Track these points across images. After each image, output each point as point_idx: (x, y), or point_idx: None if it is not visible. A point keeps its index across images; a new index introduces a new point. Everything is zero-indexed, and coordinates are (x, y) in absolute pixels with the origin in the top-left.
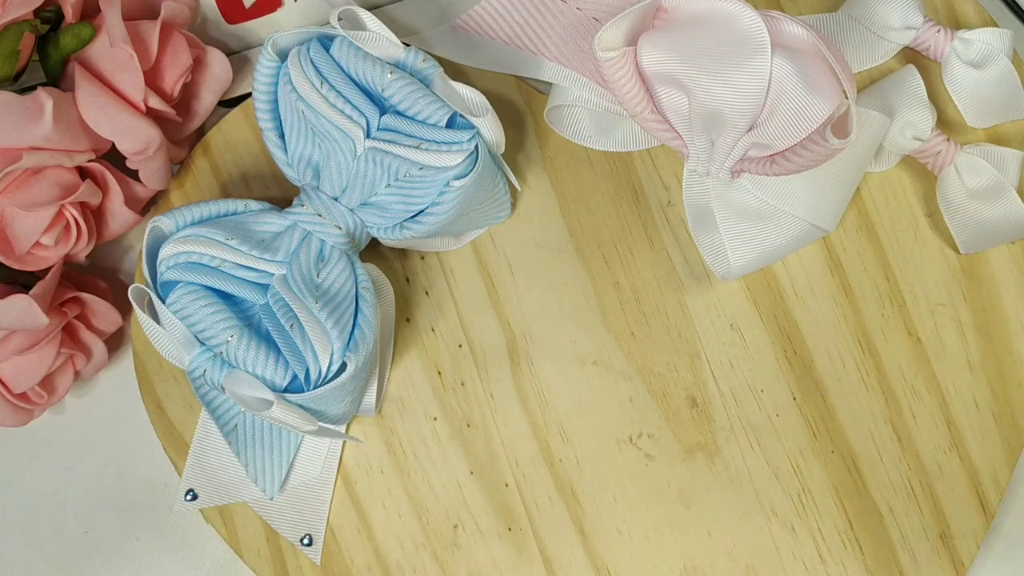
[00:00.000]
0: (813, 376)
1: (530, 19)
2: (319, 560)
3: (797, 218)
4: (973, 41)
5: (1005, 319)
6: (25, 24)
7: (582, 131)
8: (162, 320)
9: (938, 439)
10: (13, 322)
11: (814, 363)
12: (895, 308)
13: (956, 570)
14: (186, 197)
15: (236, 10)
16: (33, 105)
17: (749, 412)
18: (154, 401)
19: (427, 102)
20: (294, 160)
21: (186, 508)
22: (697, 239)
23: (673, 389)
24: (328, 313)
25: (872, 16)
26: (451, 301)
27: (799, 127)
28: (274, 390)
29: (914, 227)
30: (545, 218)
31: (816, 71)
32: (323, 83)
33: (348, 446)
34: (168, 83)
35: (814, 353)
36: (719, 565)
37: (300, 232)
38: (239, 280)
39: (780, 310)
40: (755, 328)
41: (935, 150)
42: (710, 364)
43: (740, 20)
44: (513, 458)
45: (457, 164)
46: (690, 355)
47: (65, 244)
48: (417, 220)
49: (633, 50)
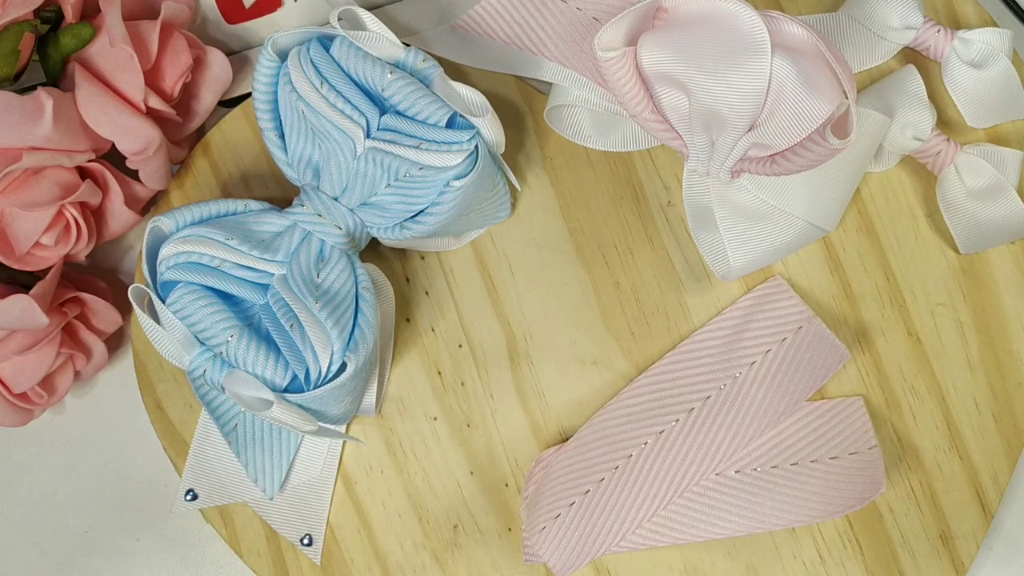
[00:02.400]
0: None
1: (530, 19)
2: (319, 560)
3: (797, 218)
4: (973, 41)
5: (1005, 319)
6: (25, 24)
7: (582, 131)
8: (162, 320)
9: (938, 439)
10: (13, 322)
11: None
12: (895, 308)
13: (956, 570)
14: (186, 197)
15: (236, 10)
16: (33, 105)
17: None
18: (154, 401)
19: (427, 102)
20: (294, 160)
21: (186, 508)
22: (697, 239)
23: None
24: (328, 313)
25: (872, 16)
26: (451, 301)
27: (799, 127)
28: (274, 390)
29: (914, 227)
30: (545, 218)
31: (816, 71)
32: (323, 83)
33: (348, 446)
34: (168, 83)
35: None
36: (719, 565)
37: (300, 232)
38: (239, 280)
39: None
40: None
41: (935, 150)
42: None
43: (740, 20)
44: (513, 458)
45: (457, 164)
46: None
47: (65, 244)
48: (417, 220)
49: (633, 50)
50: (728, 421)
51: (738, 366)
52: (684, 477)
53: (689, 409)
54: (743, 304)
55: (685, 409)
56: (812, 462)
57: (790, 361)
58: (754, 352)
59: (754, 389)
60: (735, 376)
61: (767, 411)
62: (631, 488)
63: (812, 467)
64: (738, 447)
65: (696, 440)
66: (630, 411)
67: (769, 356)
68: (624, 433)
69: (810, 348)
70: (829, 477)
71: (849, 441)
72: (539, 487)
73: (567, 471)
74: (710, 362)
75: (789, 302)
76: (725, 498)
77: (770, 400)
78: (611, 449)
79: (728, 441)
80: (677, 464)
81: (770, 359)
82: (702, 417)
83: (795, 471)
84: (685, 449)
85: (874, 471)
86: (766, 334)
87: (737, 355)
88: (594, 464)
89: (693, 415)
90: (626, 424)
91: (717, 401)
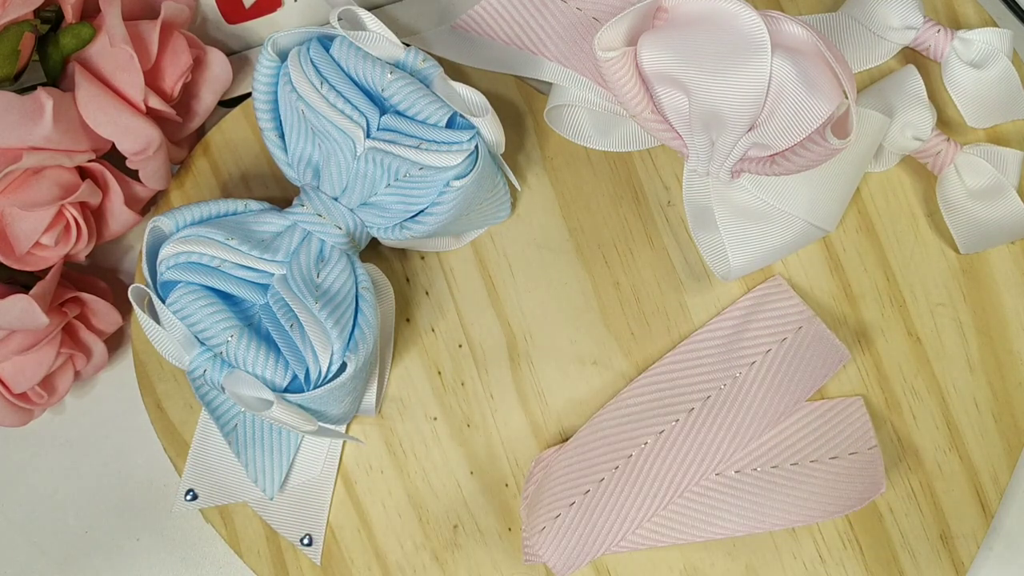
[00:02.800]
0: None
1: (530, 19)
2: (319, 560)
3: (797, 218)
4: (973, 41)
5: (1005, 319)
6: (25, 24)
7: (582, 131)
8: (162, 320)
9: (938, 439)
10: (13, 322)
11: None
12: (895, 308)
13: (956, 570)
14: (186, 197)
15: (236, 10)
16: (33, 105)
17: None
18: (154, 401)
19: (427, 102)
20: (294, 160)
21: (186, 508)
22: (697, 239)
23: None
24: (328, 313)
25: (872, 16)
26: (451, 301)
27: (799, 127)
28: (274, 390)
29: (914, 227)
30: (545, 218)
31: (816, 71)
32: (323, 83)
33: (348, 446)
34: (168, 83)
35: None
36: (719, 565)
37: (300, 232)
38: (239, 280)
39: None
40: None
41: (935, 150)
42: None
43: (740, 20)
44: (513, 458)
45: (457, 164)
46: None
47: (65, 244)
48: (417, 220)
49: (633, 50)
50: (728, 421)
51: (738, 366)
52: (684, 477)
53: (689, 409)
54: (743, 304)
55: (685, 409)
56: (812, 462)
57: (790, 361)
58: (754, 352)
59: (754, 389)
60: (735, 376)
61: (767, 411)
62: (631, 488)
63: (812, 467)
64: (738, 447)
65: (696, 440)
66: (630, 411)
67: (769, 356)
68: (624, 433)
69: (810, 348)
70: (829, 477)
71: (849, 441)
72: (539, 487)
73: (567, 471)
74: (710, 362)
75: (789, 302)
76: (725, 498)
77: (770, 400)
78: (611, 449)
79: (728, 441)
80: (677, 464)
81: (770, 359)
82: (702, 417)
83: (795, 471)
84: (685, 449)
85: (874, 471)
86: (766, 334)
87: (737, 355)
88: (594, 464)
89: (693, 415)
90: (626, 424)
91: (717, 401)
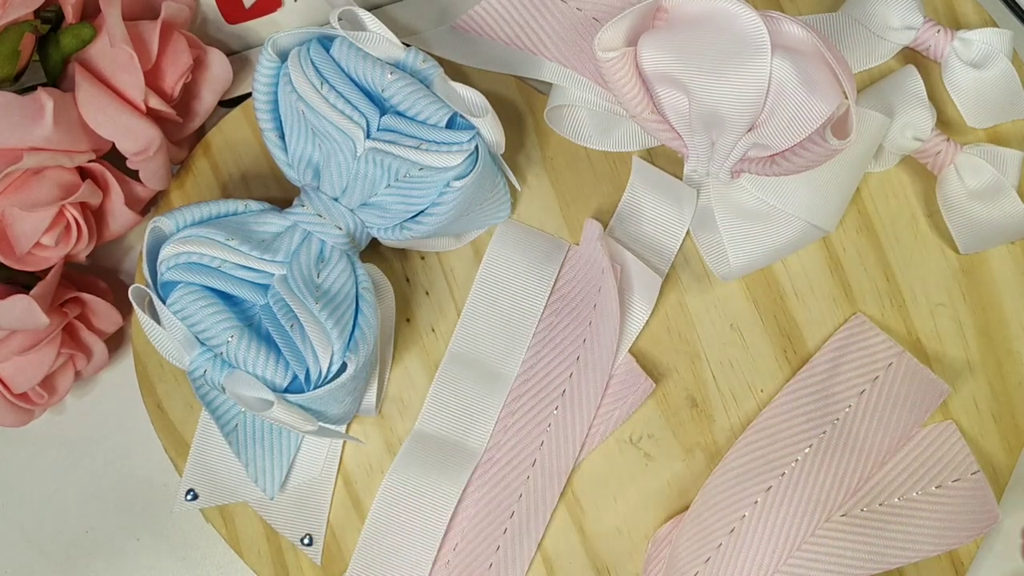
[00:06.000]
0: None
1: (530, 19)
2: (319, 560)
3: (797, 218)
4: (973, 41)
5: (1005, 319)
6: (25, 24)
7: (582, 131)
8: (162, 320)
9: None
10: (14, 322)
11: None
12: (895, 308)
13: (956, 570)
14: (186, 197)
15: (236, 10)
16: (33, 105)
17: (749, 412)
18: (154, 401)
19: (427, 102)
20: (294, 160)
21: (186, 508)
22: (697, 239)
23: (673, 389)
24: (328, 313)
25: (872, 16)
26: (451, 301)
27: (799, 127)
28: (274, 390)
29: (914, 227)
30: (545, 218)
31: (816, 71)
32: (323, 83)
33: (348, 446)
34: (168, 83)
35: (814, 353)
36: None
37: (300, 232)
38: (239, 280)
39: (780, 310)
40: (755, 328)
41: (935, 150)
42: (710, 364)
43: (740, 20)
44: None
45: (457, 164)
46: (690, 355)
47: (65, 244)
48: (417, 220)
49: (633, 50)
50: (835, 468)
51: (836, 411)
52: (799, 529)
53: (794, 461)
54: (831, 347)
55: (790, 462)
56: (917, 494)
57: (886, 399)
58: (849, 394)
59: (855, 432)
60: (834, 422)
61: (872, 453)
62: (748, 549)
63: (917, 500)
64: (848, 493)
65: (806, 491)
66: (736, 472)
67: (864, 397)
68: (733, 495)
69: (903, 384)
70: (937, 508)
71: (950, 468)
72: (668, 563)
73: (688, 544)
74: (807, 411)
75: (876, 339)
76: (839, 543)
77: (871, 441)
78: (724, 514)
79: (837, 487)
80: (791, 518)
81: (866, 399)
82: (807, 467)
83: (902, 506)
84: (796, 501)
85: (984, 498)
86: (858, 375)
87: (833, 400)
88: (711, 531)
89: (798, 467)
90: (734, 486)
91: (819, 449)
